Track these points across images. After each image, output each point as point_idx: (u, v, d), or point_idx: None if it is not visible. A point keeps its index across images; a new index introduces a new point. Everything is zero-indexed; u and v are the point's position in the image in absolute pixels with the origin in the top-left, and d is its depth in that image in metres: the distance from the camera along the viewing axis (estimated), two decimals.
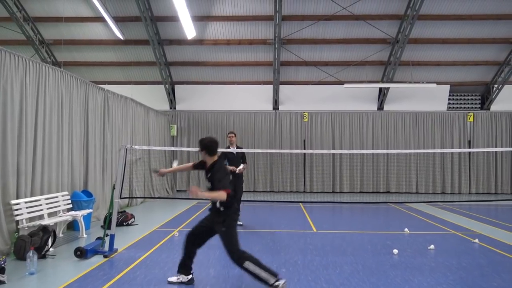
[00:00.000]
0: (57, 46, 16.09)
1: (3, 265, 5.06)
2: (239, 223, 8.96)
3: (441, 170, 17.14)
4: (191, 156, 17.21)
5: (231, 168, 8.63)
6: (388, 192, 17.05)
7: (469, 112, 17.34)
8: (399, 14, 14.76)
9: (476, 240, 7.64)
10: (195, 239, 4.91)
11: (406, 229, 8.64)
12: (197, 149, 4.87)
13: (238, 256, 4.50)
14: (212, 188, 4.57)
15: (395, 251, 6.69)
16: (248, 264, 4.42)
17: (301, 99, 17.29)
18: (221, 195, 4.39)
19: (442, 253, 6.75)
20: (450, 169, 17.10)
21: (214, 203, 4.66)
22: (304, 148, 17.15)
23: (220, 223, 4.58)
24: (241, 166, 8.85)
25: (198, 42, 15.78)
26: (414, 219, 10.49)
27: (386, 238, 7.85)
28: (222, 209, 4.56)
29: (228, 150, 8.82)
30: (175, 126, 17.41)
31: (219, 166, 4.71)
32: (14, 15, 14.46)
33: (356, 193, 16.94)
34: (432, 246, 7.07)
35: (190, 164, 5.41)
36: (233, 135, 9.00)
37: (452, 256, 6.55)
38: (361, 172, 17.18)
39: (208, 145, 4.76)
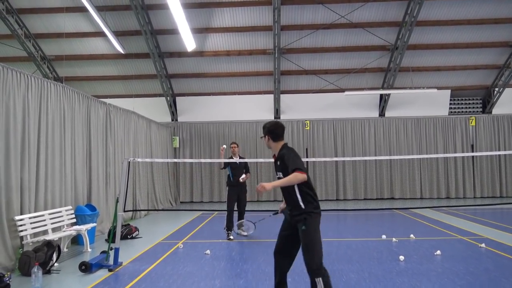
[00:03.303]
0: (58, 61, 16.24)
1: (8, 282, 5.06)
2: (243, 233, 8.96)
3: (445, 175, 17.06)
4: (194, 167, 17.28)
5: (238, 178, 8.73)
6: (393, 198, 16.96)
7: (471, 116, 17.32)
8: (398, 20, 14.85)
9: (483, 245, 7.56)
10: (281, 252, 4.29)
11: (411, 235, 8.59)
12: (261, 137, 4.39)
13: (317, 266, 3.89)
14: (286, 176, 3.95)
15: (401, 257, 6.63)
16: (320, 282, 3.84)
17: (302, 107, 17.31)
18: (297, 176, 3.77)
19: (448, 258, 6.69)
20: (454, 174, 17.01)
21: (291, 204, 4.05)
22: (307, 156, 17.05)
23: (301, 220, 3.97)
24: (244, 175, 8.92)
25: (198, 54, 15.88)
26: (419, 225, 10.42)
27: (391, 244, 7.79)
28: (303, 205, 3.97)
29: (230, 160, 8.89)
30: (177, 138, 17.43)
31: (288, 149, 4.13)
32: (16, 32, 14.63)
33: (360, 200, 16.84)
34: (438, 252, 7.01)
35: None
36: (236, 145, 9.11)
37: (458, 261, 6.49)
38: (365, 179, 17.10)
39: (272, 129, 4.23)
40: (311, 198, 4.05)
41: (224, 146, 8.99)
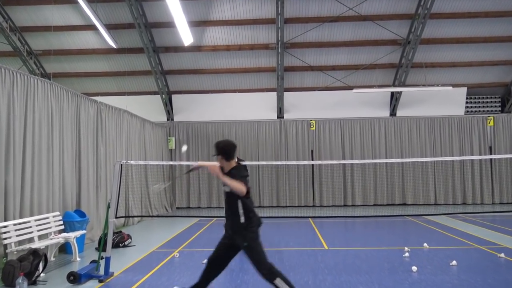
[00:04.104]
0: (46, 57, 16.25)
1: None
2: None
3: (461, 179, 17.03)
4: None
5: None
6: (405, 204, 16.96)
7: (489, 116, 17.29)
8: (410, 13, 14.83)
9: (502, 255, 7.54)
10: (214, 261, 4.72)
11: (425, 244, 8.58)
12: (213, 155, 4.79)
13: (268, 270, 4.41)
14: (230, 193, 4.46)
15: (414, 268, 6.60)
16: (279, 282, 4.35)
17: (307, 106, 17.33)
18: (241, 186, 4.28)
19: (465, 269, 6.68)
20: (471, 178, 16.98)
21: (231, 216, 4.54)
22: (312, 159, 17.13)
23: (241, 237, 4.46)
24: None
25: (196, 48, 15.88)
26: (433, 233, 10.42)
27: (404, 254, 7.77)
28: (242, 220, 4.44)
29: None
30: (173, 138, 17.44)
31: (236, 169, 4.61)
32: (0, 25, 14.64)
33: (369, 206, 16.87)
34: (454, 262, 6.99)
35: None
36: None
37: (476, 272, 6.48)
38: (375, 183, 17.11)
39: (225, 149, 4.64)
40: (252, 214, 4.50)
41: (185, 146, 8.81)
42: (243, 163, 8.67)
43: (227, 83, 17.32)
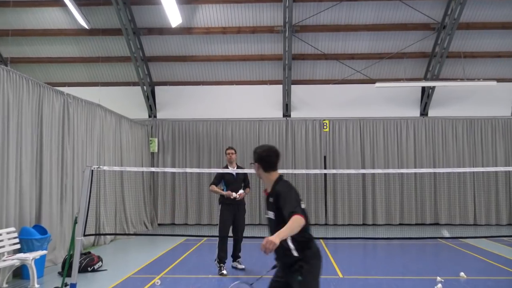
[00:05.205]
0: (3, 38, 16.20)
1: None
2: (239, 266, 9.08)
3: (507, 195, 16.91)
4: (177, 179, 17.19)
5: (226, 193, 8.83)
6: (437, 224, 16.90)
7: None
8: None
9: None
10: None
11: (462, 274, 8.52)
12: (251, 163, 4.55)
13: None
14: (278, 218, 4.16)
15: None
16: None
17: (320, 103, 17.25)
18: (298, 221, 3.90)
19: None
20: None
21: (282, 250, 4.12)
22: (325, 167, 17.03)
23: (296, 270, 4.10)
24: (241, 191, 8.96)
25: (185, 31, 15.82)
26: (472, 259, 10.38)
27: (436, 285, 7.67)
28: (295, 253, 4.11)
29: (226, 170, 8.94)
30: (156, 140, 17.36)
31: (283, 185, 4.31)
32: None
33: (394, 225, 16.77)
34: None
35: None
36: (233, 151, 9.17)
37: None
38: (401, 198, 16.95)
39: (263, 156, 4.40)
40: (308, 242, 4.22)
41: (236, 195, 8.82)
42: (243, 171, 8.97)
43: (222, 74, 17.26)
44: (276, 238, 3.76)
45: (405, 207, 17.00)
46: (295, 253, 4.10)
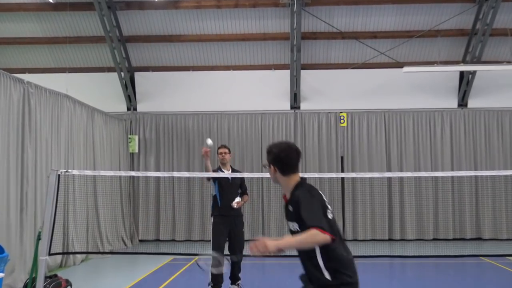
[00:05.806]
0: None
1: None
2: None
3: None
4: (162, 183, 17.19)
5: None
6: (480, 239, 16.77)
7: None
8: None
9: None
10: None
11: None
12: (264, 165, 4.52)
13: None
14: (303, 230, 3.95)
15: None
16: None
17: (335, 92, 17.17)
18: (316, 236, 3.77)
19: None
20: None
21: (309, 267, 4.13)
22: (342, 170, 16.88)
23: None
24: (238, 199, 9.02)
25: (171, 4, 15.85)
26: None
27: None
28: (329, 278, 3.99)
29: (219, 174, 9.10)
30: (136, 137, 17.27)
31: (304, 190, 4.15)
32: None
33: (427, 241, 16.69)
34: None
35: None
36: (226, 150, 9.33)
37: None
38: (435, 207, 16.83)
39: (282, 157, 4.24)
40: (343, 263, 4.08)
41: (209, 141, 9.26)
42: (245, 175, 8.59)
43: (217, 57, 17.27)
44: (274, 244, 3.80)
45: (440, 218, 16.93)
46: (326, 274, 4.03)
